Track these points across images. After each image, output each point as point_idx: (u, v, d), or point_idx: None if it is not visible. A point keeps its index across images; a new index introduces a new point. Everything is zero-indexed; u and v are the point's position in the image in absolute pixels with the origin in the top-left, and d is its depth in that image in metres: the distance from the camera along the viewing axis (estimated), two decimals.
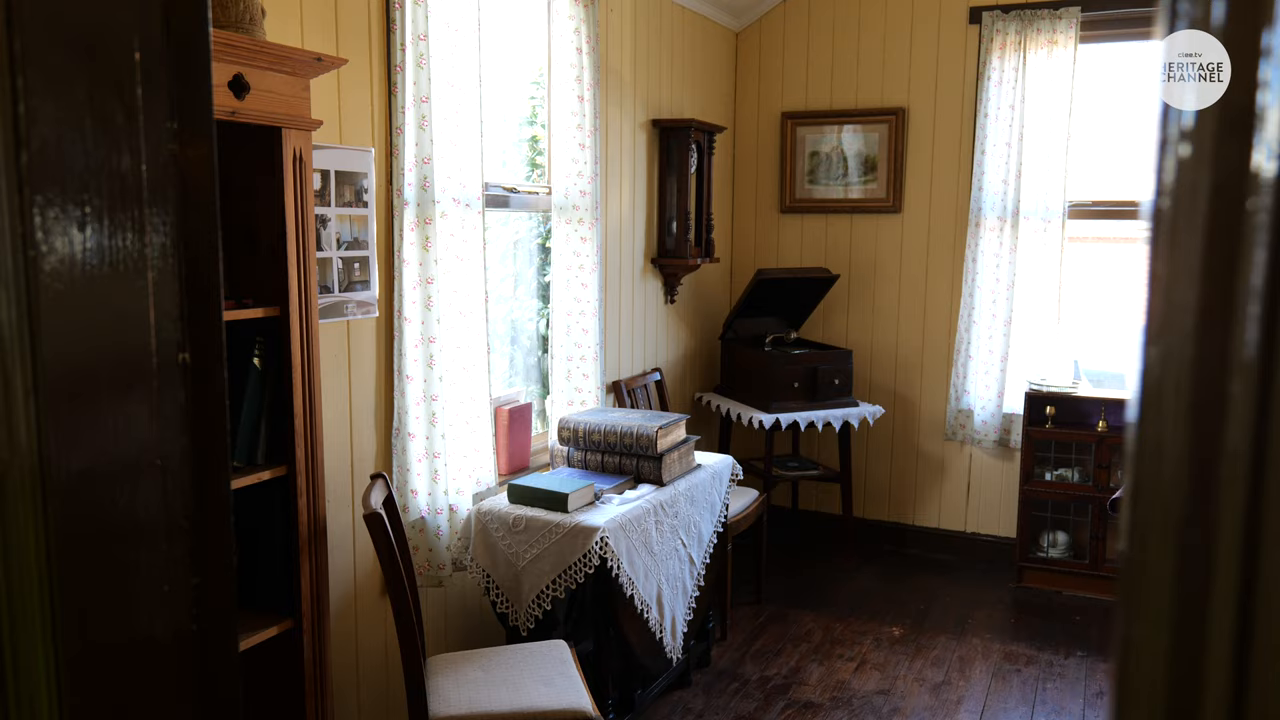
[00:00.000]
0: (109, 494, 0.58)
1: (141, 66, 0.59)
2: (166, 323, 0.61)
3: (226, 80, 2.01)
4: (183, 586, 0.64)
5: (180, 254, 0.62)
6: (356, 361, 2.78)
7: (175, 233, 0.61)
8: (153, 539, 0.62)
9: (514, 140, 3.79)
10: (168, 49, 0.60)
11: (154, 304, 0.60)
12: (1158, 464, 0.47)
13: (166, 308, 0.61)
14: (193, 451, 0.64)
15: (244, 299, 2.20)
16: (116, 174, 0.57)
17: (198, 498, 0.64)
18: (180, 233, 0.62)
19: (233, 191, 2.23)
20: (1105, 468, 4.42)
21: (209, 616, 0.66)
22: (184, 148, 0.61)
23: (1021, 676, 3.75)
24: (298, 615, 2.28)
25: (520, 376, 3.89)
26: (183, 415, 0.63)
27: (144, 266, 0.59)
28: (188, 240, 0.62)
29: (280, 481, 2.25)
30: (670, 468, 3.30)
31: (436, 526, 2.95)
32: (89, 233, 0.56)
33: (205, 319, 0.64)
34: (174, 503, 0.63)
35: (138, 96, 0.58)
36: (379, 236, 2.81)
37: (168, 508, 0.62)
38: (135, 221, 0.58)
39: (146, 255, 0.60)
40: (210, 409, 0.65)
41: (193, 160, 0.62)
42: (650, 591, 3.09)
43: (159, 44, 0.60)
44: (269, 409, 2.23)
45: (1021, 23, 4.56)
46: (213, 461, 0.66)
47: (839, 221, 5.12)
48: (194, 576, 0.65)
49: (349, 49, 2.65)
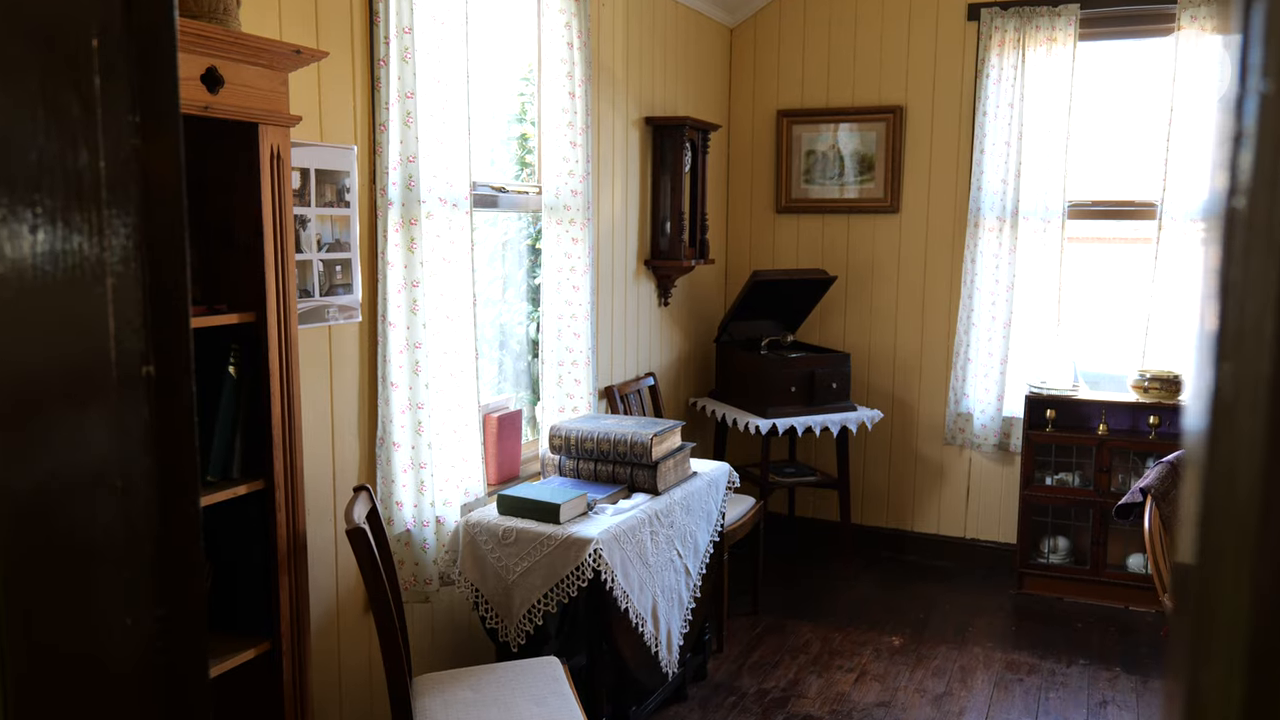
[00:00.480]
0: (64, 519, 0.55)
1: (100, 55, 0.55)
2: (128, 333, 0.57)
3: (199, 73, 1.91)
4: (147, 619, 0.59)
5: (143, 258, 0.58)
6: (338, 368, 2.67)
7: (138, 235, 0.57)
8: (114, 568, 0.58)
9: (503, 138, 3.69)
10: (129, 37, 0.56)
11: (114, 312, 0.56)
12: (1230, 488, 0.43)
13: (128, 316, 0.57)
14: (157, 472, 0.60)
15: (218, 304, 2.09)
16: (72, 171, 0.53)
17: (163, 522, 0.60)
18: (143, 235, 0.58)
19: (207, 191, 2.12)
20: (1106, 472, 4.34)
21: (177, 650, 0.61)
22: (147, 143, 0.57)
23: (1024, 686, 3.66)
24: (276, 636, 2.17)
25: (510, 382, 3.79)
26: (146, 433, 0.58)
27: (103, 272, 0.55)
28: (152, 243, 0.58)
29: (257, 496, 2.14)
30: (665, 476, 3.20)
31: (423, 540, 2.84)
32: (41, 236, 0.53)
33: (171, 328, 0.59)
34: (137, 528, 0.58)
35: (96, 87, 0.55)
36: (362, 238, 2.70)
37: (130, 534, 0.58)
38: (93, 223, 0.55)
39: (105, 260, 0.55)
40: (177, 425, 0.60)
41: (157, 156, 0.58)
42: (645, 604, 2.99)
43: (119, 31, 0.56)
44: (245, 420, 2.12)
45: (1020, 20, 4.48)
46: (180, 482, 0.61)
47: (836, 222, 5.03)
48: (159, 608, 0.60)
49: (330, 41, 2.54)
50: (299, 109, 2.40)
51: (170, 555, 0.61)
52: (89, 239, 0.54)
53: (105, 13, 0.55)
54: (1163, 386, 4.27)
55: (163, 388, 0.60)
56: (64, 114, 0.52)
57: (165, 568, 0.60)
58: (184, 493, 0.63)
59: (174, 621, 0.60)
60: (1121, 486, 4.39)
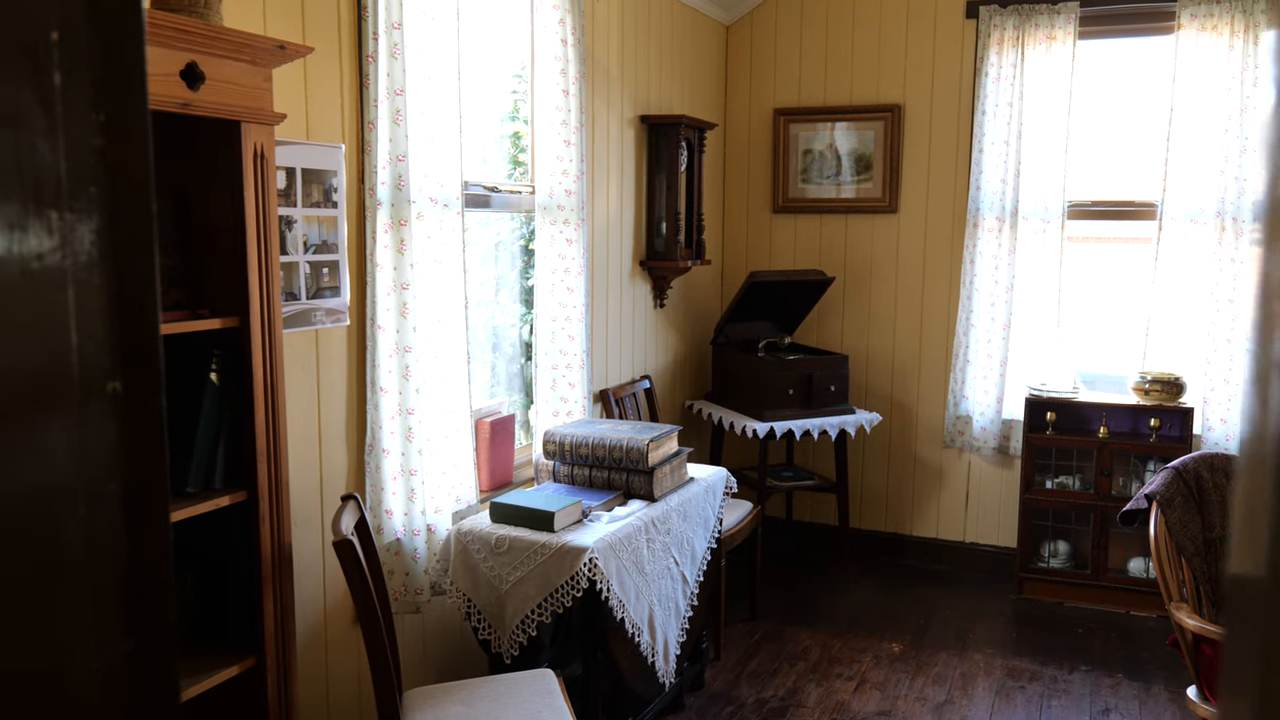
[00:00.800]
0: (23, 548, 0.52)
1: (60, 49, 0.51)
2: (91, 347, 0.53)
3: (178, 69, 1.84)
4: (112, 650, 0.56)
5: (109, 266, 0.54)
6: (326, 374, 2.59)
7: (102, 241, 0.54)
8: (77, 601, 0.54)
9: (495, 137, 3.61)
10: (92, 30, 0.53)
11: (76, 325, 0.53)
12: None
13: (91, 329, 0.53)
14: (124, 496, 0.57)
15: (200, 309, 2.02)
16: (29, 173, 0.50)
17: (132, 547, 0.56)
18: (109, 241, 0.54)
19: (187, 192, 2.05)
20: (1107, 475, 4.29)
21: (145, 681, 0.58)
22: (113, 142, 0.54)
23: (1025, 694, 3.61)
24: (261, 652, 2.10)
25: (502, 386, 3.72)
26: (111, 454, 0.55)
27: (63, 281, 0.52)
28: (118, 250, 0.55)
29: (241, 507, 2.07)
30: (662, 482, 3.13)
31: (413, 549, 2.77)
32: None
33: (140, 341, 0.56)
34: (102, 557, 0.55)
35: (55, 84, 0.51)
36: (350, 239, 2.62)
37: (94, 563, 0.55)
38: (53, 229, 0.51)
39: (66, 268, 0.52)
40: (147, 445, 0.57)
41: (123, 157, 0.55)
42: (642, 614, 2.92)
43: (81, 23, 0.52)
44: (228, 429, 2.05)
45: (1020, 17, 4.43)
46: (149, 507, 0.58)
47: (833, 222, 4.97)
48: (127, 639, 0.57)
49: (316, 37, 2.46)
50: (284, 106, 2.32)
51: (139, 582, 0.57)
52: (48, 246, 0.51)
53: (65, 4, 0.51)
54: (1164, 389, 4.22)
55: (131, 405, 0.56)
56: (21, 112, 0.50)
57: (133, 594, 0.57)
58: (155, 518, 0.60)
59: (142, 650, 0.57)
60: (1122, 490, 4.34)
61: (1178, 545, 2.84)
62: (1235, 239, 4.20)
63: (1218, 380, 4.27)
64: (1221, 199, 4.21)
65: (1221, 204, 4.21)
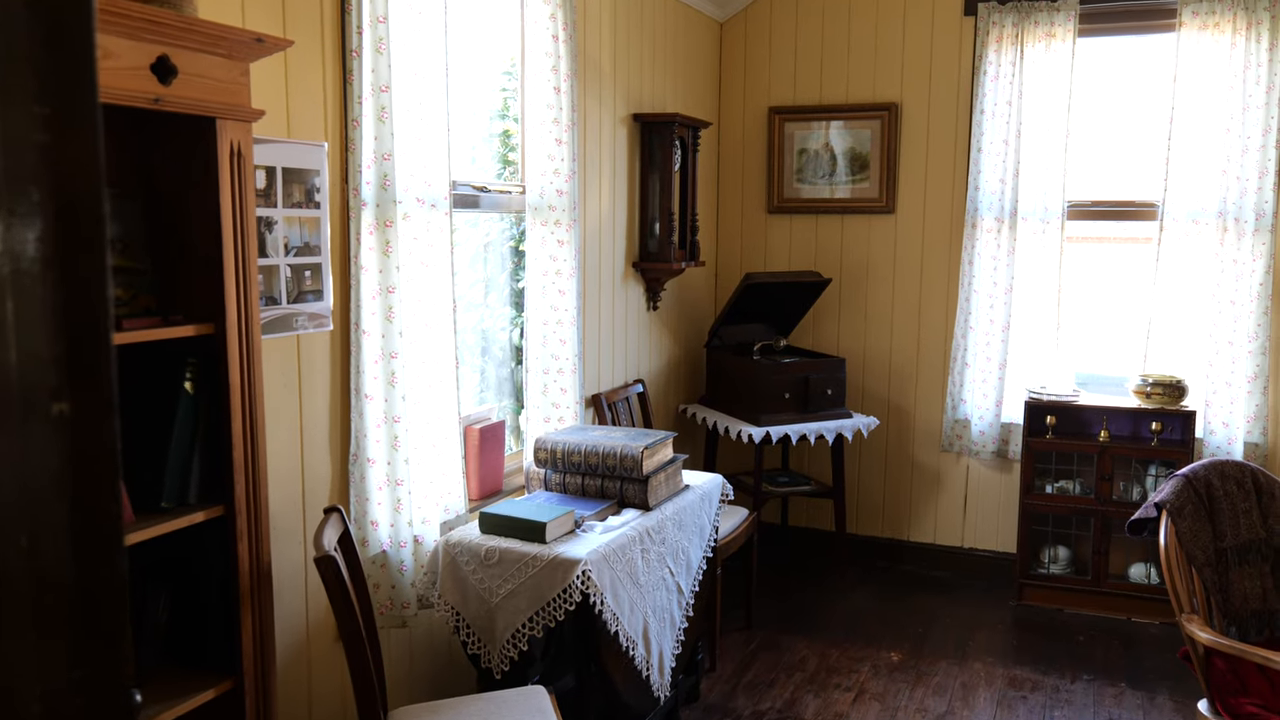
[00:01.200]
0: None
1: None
2: (33, 366, 0.50)
3: (148, 62, 1.74)
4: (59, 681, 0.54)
5: (55, 276, 0.51)
6: (308, 381, 2.49)
7: (46, 248, 0.51)
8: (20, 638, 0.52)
9: (484, 135, 3.52)
10: (32, 16, 0.50)
11: (15, 342, 0.50)
12: None
13: (33, 347, 0.50)
14: (71, 524, 0.54)
15: (172, 315, 1.92)
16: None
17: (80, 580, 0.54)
18: (55, 249, 0.51)
19: (160, 192, 1.95)
20: (1108, 479, 4.22)
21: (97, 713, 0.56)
22: (58, 139, 0.51)
23: (1027, 704, 3.53)
24: (239, 673, 2.01)
25: (492, 391, 3.62)
26: (55, 482, 0.52)
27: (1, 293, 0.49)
28: (64, 257, 0.52)
29: (218, 523, 1.97)
30: (657, 490, 3.04)
31: (400, 561, 2.68)
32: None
33: (90, 358, 0.53)
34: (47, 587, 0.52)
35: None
36: (333, 241, 2.53)
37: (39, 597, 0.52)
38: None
39: (4, 277, 0.49)
40: (97, 471, 0.54)
41: (70, 154, 0.52)
42: (636, 627, 2.83)
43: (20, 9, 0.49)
44: (204, 440, 1.95)
45: (1019, 15, 4.36)
46: (100, 534, 0.55)
47: (829, 222, 4.89)
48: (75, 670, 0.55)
49: (297, 30, 2.36)
50: (263, 103, 2.23)
51: (88, 610, 0.55)
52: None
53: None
54: (1165, 392, 4.15)
55: (79, 429, 0.53)
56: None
57: (81, 623, 0.55)
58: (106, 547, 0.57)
59: (91, 679, 0.55)
60: (1123, 494, 4.27)
61: (1188, 555, 2.77)
62: (1237, 239, 4.14)
63: (1220, 383, 4.21)
64: (1223, 199, 4.14)
65: (1223, 204, 4.14)
